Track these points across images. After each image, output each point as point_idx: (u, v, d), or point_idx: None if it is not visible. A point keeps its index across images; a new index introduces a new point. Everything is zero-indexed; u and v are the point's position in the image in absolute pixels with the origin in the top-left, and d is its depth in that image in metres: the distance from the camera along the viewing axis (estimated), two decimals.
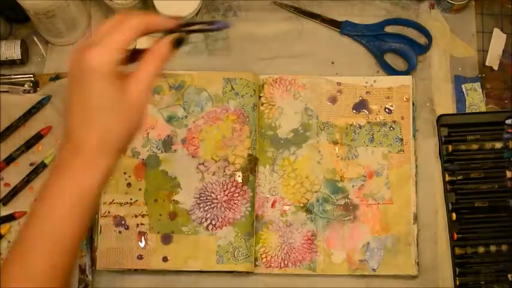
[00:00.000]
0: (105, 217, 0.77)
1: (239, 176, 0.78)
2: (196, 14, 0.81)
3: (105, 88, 0.48)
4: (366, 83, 0.82)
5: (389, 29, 0.85)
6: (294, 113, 0.81)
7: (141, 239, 0.77)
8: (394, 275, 0.77)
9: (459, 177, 0.79)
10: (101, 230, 0.77)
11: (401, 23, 0.85)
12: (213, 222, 0.77)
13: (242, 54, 0.84)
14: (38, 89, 0.82)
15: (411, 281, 0.77)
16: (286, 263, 0.77)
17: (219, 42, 0.85)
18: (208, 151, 0.79)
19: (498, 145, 0.80)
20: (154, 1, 0.80)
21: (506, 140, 0.80)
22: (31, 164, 0.80)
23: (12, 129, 0.80)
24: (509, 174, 0.79)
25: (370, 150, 0.80)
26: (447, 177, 0.79)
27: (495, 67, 0.84)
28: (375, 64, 0.84)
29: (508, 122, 0.80)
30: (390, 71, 0.83)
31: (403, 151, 0.80)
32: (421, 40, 0.85)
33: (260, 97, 0.82)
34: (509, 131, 0.80)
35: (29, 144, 0.80)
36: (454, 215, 0.78)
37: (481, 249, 0.77)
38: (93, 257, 0.77)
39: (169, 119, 0.80)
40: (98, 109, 0.49)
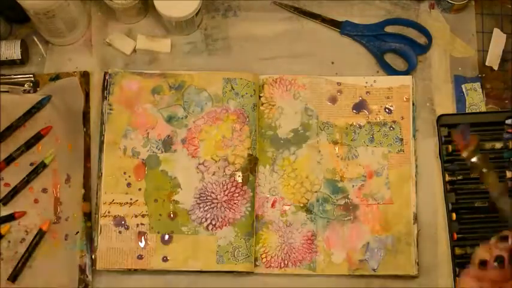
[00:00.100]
0: (105, 217, 0.77)
1: (239, 176, 0.78)
2: (196, 14, 0.81)
3: None
4: (366, 83, 0.82)
5: (389, 29, 0.85)
6: (294, 113, 0.81)
7: (141, 239, 0.77)
8: (394, 275, 0.77)
9: (459, 177, 0.79)
10: (100, 230, 0.77)
11: (402, 23, 0.85)
12: (213, 222, 0.77)
13: (242, 54, 0.84)
14: (38, 89, 0.82)
15: (411, 281, 0.77)
16: (286, 263, 0.77)
17: (219, 42, 0.85)
18: (208, 151, 0.79)
19: (498, 145, 0.80)
20: (155, 1, 0.79)
21: (506, 140, 0.80)
22: (31, 164, 0.80)
23: (12, 129, 0.80)
24: (509, 174, 0.79)
25: (370, 150, 0.80)
26: (447, 177, 0.79)
27: (495, 67, 0.84)
28: (375, 64, 0.84)
29: (508, 122, 0.80)
30: (390, 71, 0.83)
31: (403, 151, 0.80)
32: (421, 40, 0.85)
33: (260, 97, 0.82)
34: (509, 131, 0.80)
35: (29, 144, 0.80)
36: (454, 215, 0.78)
37: None
38: (93, 257, 0.77)
39: (169, 119, 0.80)
40: None
